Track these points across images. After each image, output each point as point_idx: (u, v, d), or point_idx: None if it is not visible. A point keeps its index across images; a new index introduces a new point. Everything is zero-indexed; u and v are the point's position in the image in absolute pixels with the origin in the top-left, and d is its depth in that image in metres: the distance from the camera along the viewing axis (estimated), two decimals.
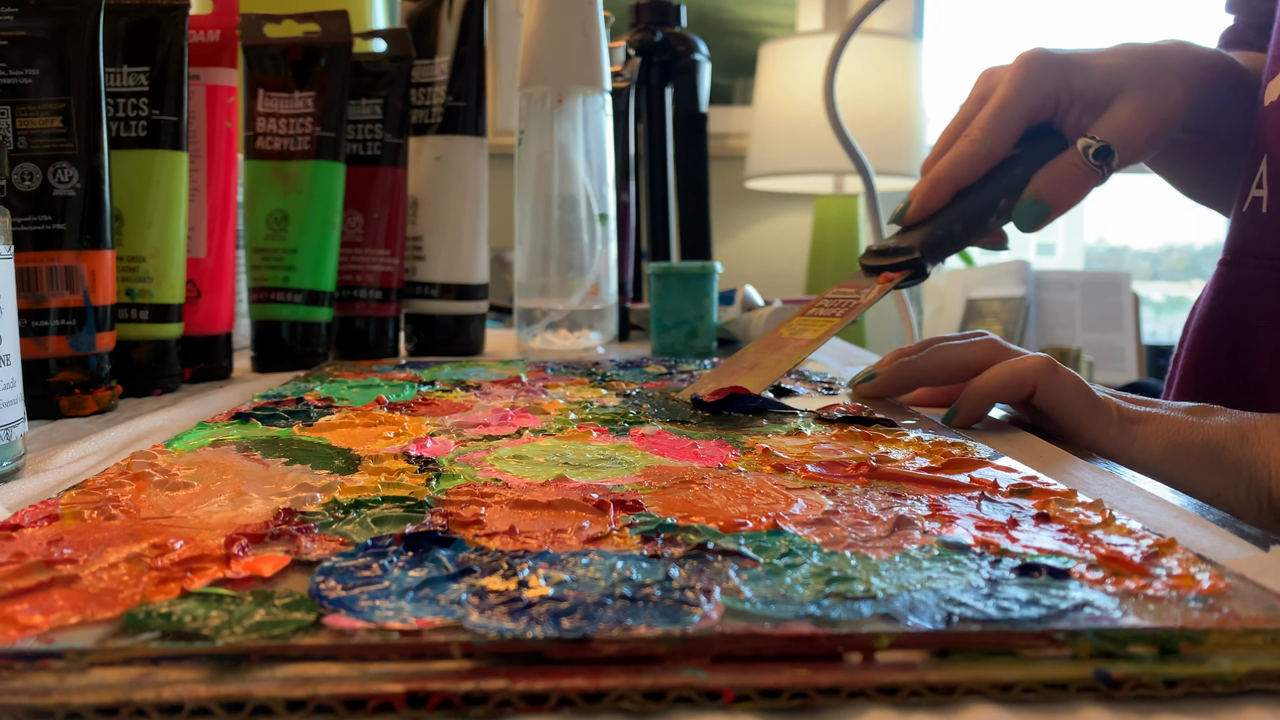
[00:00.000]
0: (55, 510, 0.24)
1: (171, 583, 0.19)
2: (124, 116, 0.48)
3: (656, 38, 0.92)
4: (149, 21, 0.49)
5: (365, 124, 0.65)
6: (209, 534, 0.22)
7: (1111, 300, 1.83)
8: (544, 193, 0.65)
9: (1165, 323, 2.47)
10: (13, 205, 0.41)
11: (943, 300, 1.99)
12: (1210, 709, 0.16)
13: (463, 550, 0.21)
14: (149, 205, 0.49)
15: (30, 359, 0.41)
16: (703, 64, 0.94)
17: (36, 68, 0.42)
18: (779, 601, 0.18)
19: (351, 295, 0.65)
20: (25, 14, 0.41)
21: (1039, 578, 0.20)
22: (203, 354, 0.55)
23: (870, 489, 0.27)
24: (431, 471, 0.29)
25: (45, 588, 0.19)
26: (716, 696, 0.16)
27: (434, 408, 0.41)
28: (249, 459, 0.31)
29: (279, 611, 0.18)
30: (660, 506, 0.25)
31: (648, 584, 0.19)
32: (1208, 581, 0.20)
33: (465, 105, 0.67)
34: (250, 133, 0.60)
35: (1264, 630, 0.17)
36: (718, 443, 0.34)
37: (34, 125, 0.42)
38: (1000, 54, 2.33)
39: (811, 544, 0.22)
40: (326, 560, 0.21)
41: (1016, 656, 0.17)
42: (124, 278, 0.48)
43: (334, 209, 0.60)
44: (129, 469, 0.29)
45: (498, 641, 0.17)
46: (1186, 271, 2.51)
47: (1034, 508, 0.25)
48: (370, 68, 0.65)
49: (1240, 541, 0.23)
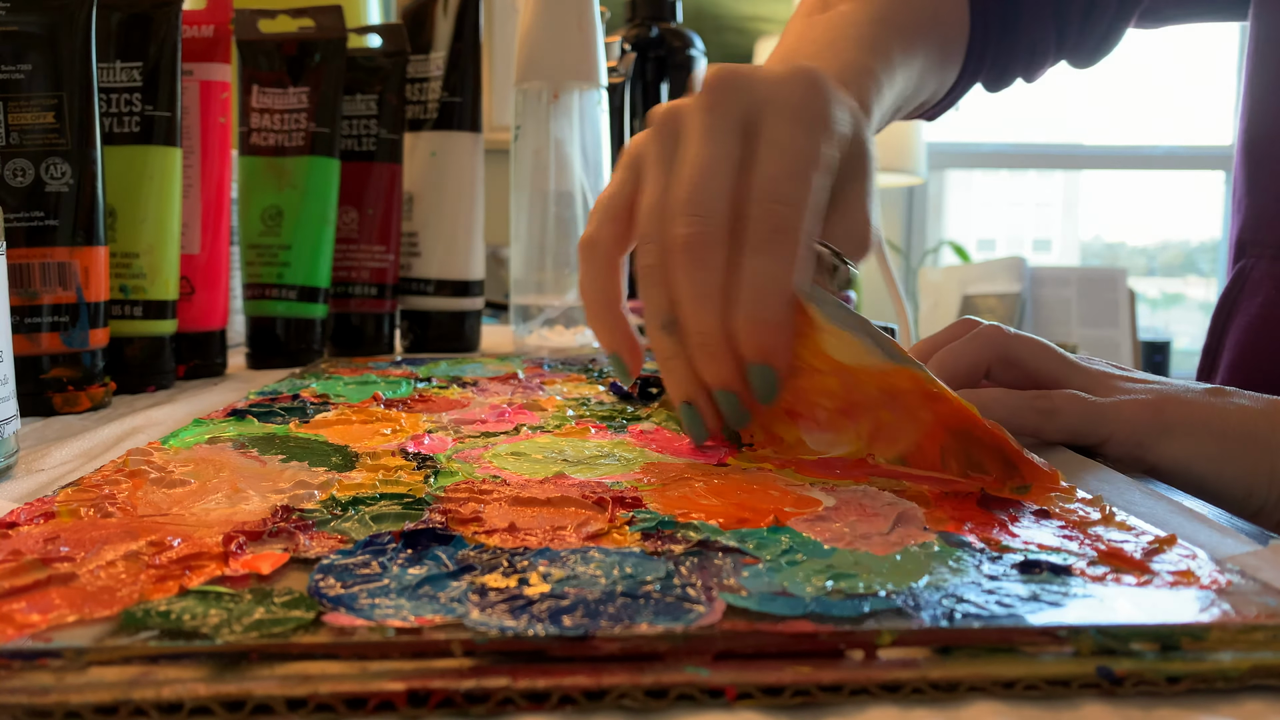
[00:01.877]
0: (51, 508, 0.24)
1: (170, 581, 0.19)
2: (117, 112, 0.48)
3: (652, 33, 0.92)
4: (142, 16, 0.49)
5: (360, 119, 0.65)
6: (207, 531, 0.22)
7: (1107, 296, 1.83)
8: (540, 189, 0.65)
9: (1161, 318, 2.47)
10: (5, 201, 0.41)
11: (938, 296, 1.99)
12: (1212, 705, 0.16)
13: (462, 548, 0.21)
14: (142, 201, 0.48)
15: (23, 355, 0.41)
16: (698, 60, 0.94)
17: (29, 63, 0.41)
18: (780, 598, 0.18)
19: (347, 291, 0.65)
20: (17, 9, 0.41)
21: (1040, 574, 0.20)
22: (197, 351, 0.54)
23: (871, 485, 0.27)
24: (429, 468, 0.29)
25: (42, 586, 0.19)
26: (718, 694, 0.16)
27: (431, 404, 0.41)
28: (246, 456, 0.31)
29: (278, 609, 0.18)
30: (660, 503, 0.25)
31: (649, 581, 0.19)
32: (1208, 578, 0.20)
33: (461, 101, 0.67)
34: (244, 128, 0.60)
35: (1265, 626, 0.17)
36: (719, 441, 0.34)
37: (26, 121, 0.41)
38: None
39: (813, 541, 0.22)
40: (325, 558, 0.20)
41: (1019, 653, 0.17)
42: (117, 274, 0.48)
43: (329, 205, 0.60)
44: (125, 466, 0.29)
45: (499, 639, 0.17)
46: (1182, 267, 2.52)
47: (1034, 504, 0.25)
48: (365, 63, 0.64)
49: (1239, 537, 0.23)
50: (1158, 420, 0.32)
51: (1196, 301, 2.49)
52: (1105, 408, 0.33)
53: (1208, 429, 0.32)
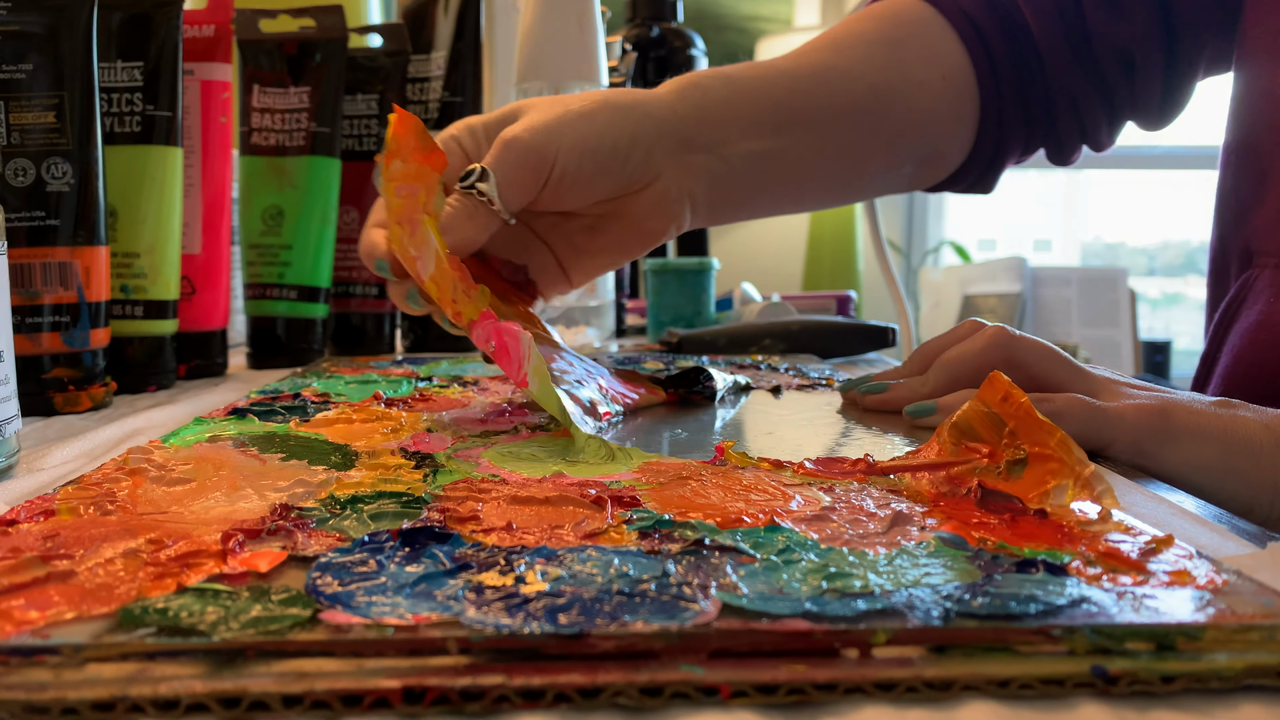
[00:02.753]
0: (51, 506, 0.24)
1: (168, 578, 0.19)
2: (118, 112, 0.48)
3: (653, 33, 0.92)
4: (143, 16, 0.49)
5: (361, 119, 0.65)
6: (205, 529, 0.22)
7: (1108, 296, 1.83)
8: None
9: (1161, 318, 2.47)
10: (6, 201, 0.41)
11: (939, 297, 1.99)
12: (1207, 705, 0.16)
13: (460, 546, 0.21)
14: (143, 201, 0.48)
15: (24, 355, 0.41)
16: (699, 60, 0.94)
17: (30, 63, 0.41)
18: (776, 597, 0.18)
19: (347, 291, 0.65)
20: (19, 9, 0.41)
21: (1036, 573, 0.20)
22: (198, 350, 0.54)
23: (868, 485, 0.27)
24: (428, 467, 0.29)
25: (41, 583, 0.19)
26: (713, 692, 0.16)
27: (431, 403, 0.41)
28: (245, 455, 0.31)
29: (275, 607, 0.18)
30: (657, 502, 0.25)
31: (645, 580, 0.19)
32: (1204, 578, 0.20)
33: (462, 101, 0.67)
34: (245, 128, 0.60)
35: (1260, 626, 0.17)
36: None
37: (28, 121, 0.42)
38: None
39: (809, 540, 0.22)
40: (323, 556, 0.21)
41: (1013, 652, 0.17)
42: (118, 274, 0.48)
43: (329, 204, 0.60)
44: (125, 464, 0.29)
45: (494, 637, 0.17)
46: (1183, 267, 2.52)
47: (1033, 505, 0.25)
48: (366, 63, 0.65)
49: (1237, 538, 0.23)
50: (1162, 426, 0.32)
51: (1197, 302, 2.49)
52: (1108, 411, 0.33)
53: (1212, 438, 0.32)
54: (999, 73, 0.53)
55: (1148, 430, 0.32)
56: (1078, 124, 0.54)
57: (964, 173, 0.56)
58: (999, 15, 0.53)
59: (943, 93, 0.52)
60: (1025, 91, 0.53)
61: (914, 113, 0.52)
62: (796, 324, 0.64)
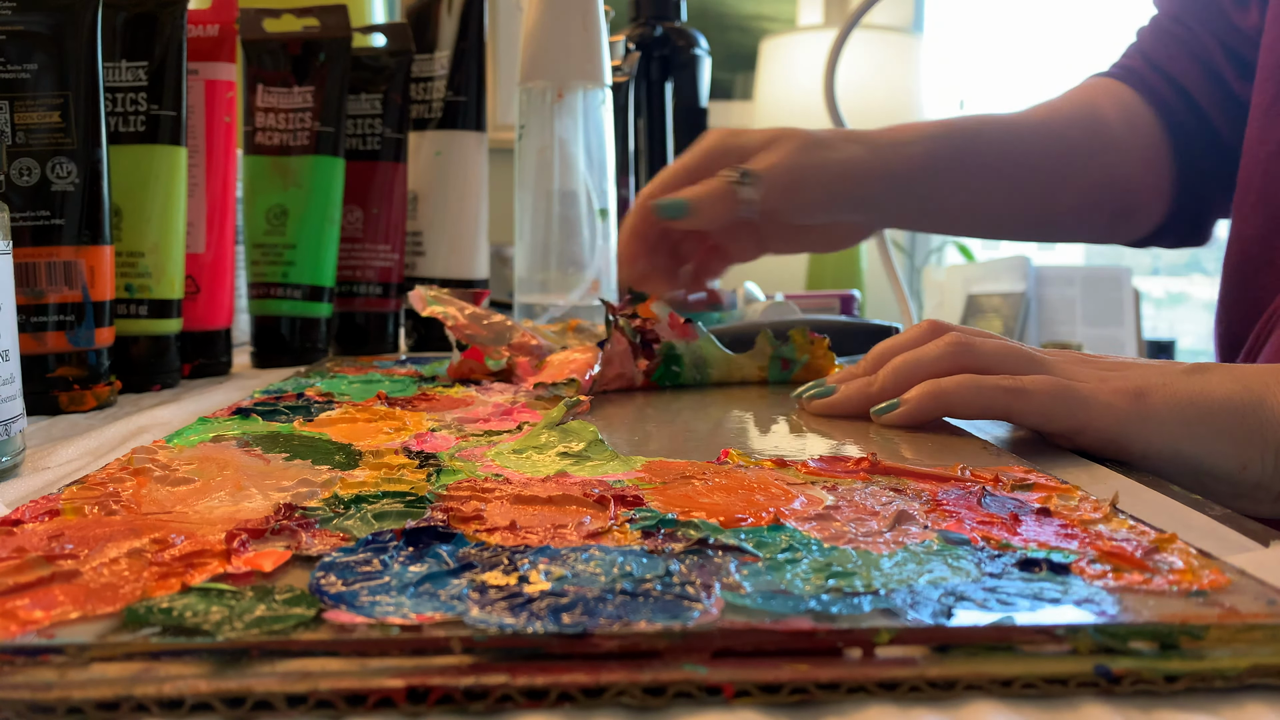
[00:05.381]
0: (56, 505, 0.24)
1: (172, 578, 0.19)
2: (122, 111, 0.48)
3: (656, 32, 0.92)
4: (147, 16, 0.49)
5: (365, 119, 0.65)
6: (210, 529, 0.22)
7: (1112, 295, 1.83)
8: (544, 188, 0.65)
9: (1165, 318, 2.47)
10: (11, 200, 0.41)
11: (943, 296, 1.99)
12: (1210, 704, 0.16)
13: (463, 545, 0.21)
14: (148, 200, 0.48)
15: (29, 355, 0.41)
16: (703, 59, 0.94)
17: (34, 62, 0.41)
18: (779, 597, 0.18)
19: (351, 291, 0.65)
20: (23, 8, 0.41)
21: (1040, 572, 0.20)
22: (202, 349, 0.54)
23: (871, 484, 0.27)
24: (432, 467, 0.29)
25: (46, 583, 0.19)
26: (716, 692, 0.16)
27: (435, 403, 0.41)
28: (249, 454, 0.31)
29: (279, 607, 0.18)
30: (661, 502, 0.25)
31: (648, 579, 0.19)
32: (1208, 576, 0.20)
33: (465, 100, 0.67)
34: (249, 128, 0.60)
35: (1264, 625, 0.17)
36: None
37: (32, 120, 0.42)
38: (1000, 48, 2.32)
39: (812, 539, 0.22)
40: (327, 555, 0.21)
41: (1017, 652, 0.17)
42: (123, 273, 0.48)
43: (333, 204, 0.60)
44: (130, 464, 0.29)
45: (498, 637, 0.17)
46: (1187, 266, 2.51)
47: (1035, 502, 0.25)
48: (370, 62, 0.65)
49: (1241, 537, 0.23)
50: (1139, 408, 0.32)
51: (1201, 301, 2.48)
52: (1081, 391, 0.32)
53: (1193, 409, 0.31)
54: (1188, 139, 0.60)
55: (1125, 413, 0.32)
56: None
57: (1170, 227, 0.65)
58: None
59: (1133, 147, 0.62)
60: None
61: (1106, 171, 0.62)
62: (800, 323, 0.63)
